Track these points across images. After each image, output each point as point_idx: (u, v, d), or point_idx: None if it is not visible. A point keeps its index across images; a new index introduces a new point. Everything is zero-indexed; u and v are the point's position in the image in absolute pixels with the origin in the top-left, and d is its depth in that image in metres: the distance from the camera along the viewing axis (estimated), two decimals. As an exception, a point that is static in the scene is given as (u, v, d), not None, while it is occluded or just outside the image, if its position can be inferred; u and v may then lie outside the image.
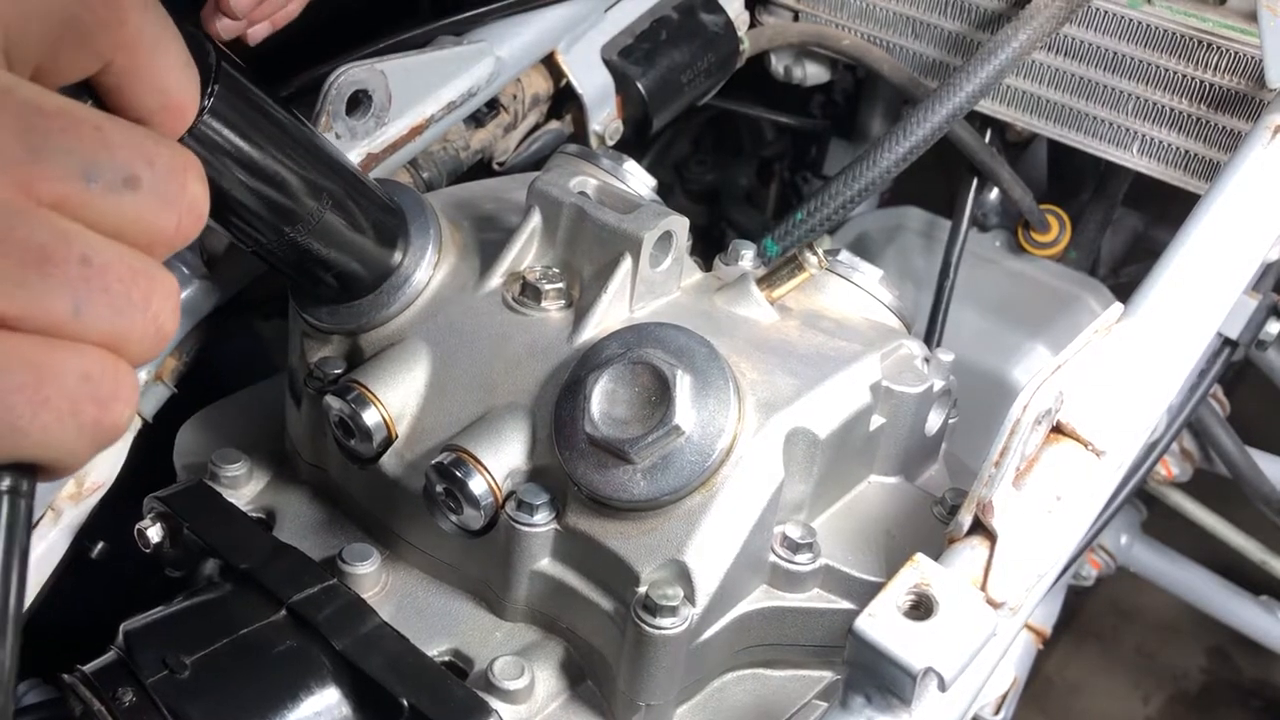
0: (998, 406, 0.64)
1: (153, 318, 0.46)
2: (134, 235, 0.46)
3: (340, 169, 0.72)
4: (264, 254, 0.72)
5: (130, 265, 0.45)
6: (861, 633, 0.58)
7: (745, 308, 0.79)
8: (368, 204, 0.74)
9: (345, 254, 0.74)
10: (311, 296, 0.79)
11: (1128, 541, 1.66)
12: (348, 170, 0.73)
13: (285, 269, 0.74)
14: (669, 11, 1.19)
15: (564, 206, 0.77)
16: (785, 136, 1.61)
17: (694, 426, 0.67)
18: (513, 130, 1.11)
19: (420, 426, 0.75)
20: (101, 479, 0.91)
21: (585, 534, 0.69)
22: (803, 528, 0.72)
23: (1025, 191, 1.29)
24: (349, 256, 0.75)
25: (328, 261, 0.73)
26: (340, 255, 0.74)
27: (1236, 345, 1.07)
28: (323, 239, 0.72)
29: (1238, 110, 1.08)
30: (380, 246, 0.76)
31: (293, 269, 0.74)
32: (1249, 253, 0.82)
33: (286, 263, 0.73)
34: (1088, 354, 0.69)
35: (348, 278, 0.76)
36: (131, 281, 0.45)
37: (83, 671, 0.68)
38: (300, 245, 0.71)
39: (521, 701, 0.70)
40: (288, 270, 0.74)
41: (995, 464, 0.62)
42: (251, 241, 0.70)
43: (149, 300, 0.46)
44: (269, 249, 0.71)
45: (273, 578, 0.73)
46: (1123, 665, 2.01)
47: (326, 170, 0.71)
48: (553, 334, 0.75)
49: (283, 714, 0.68)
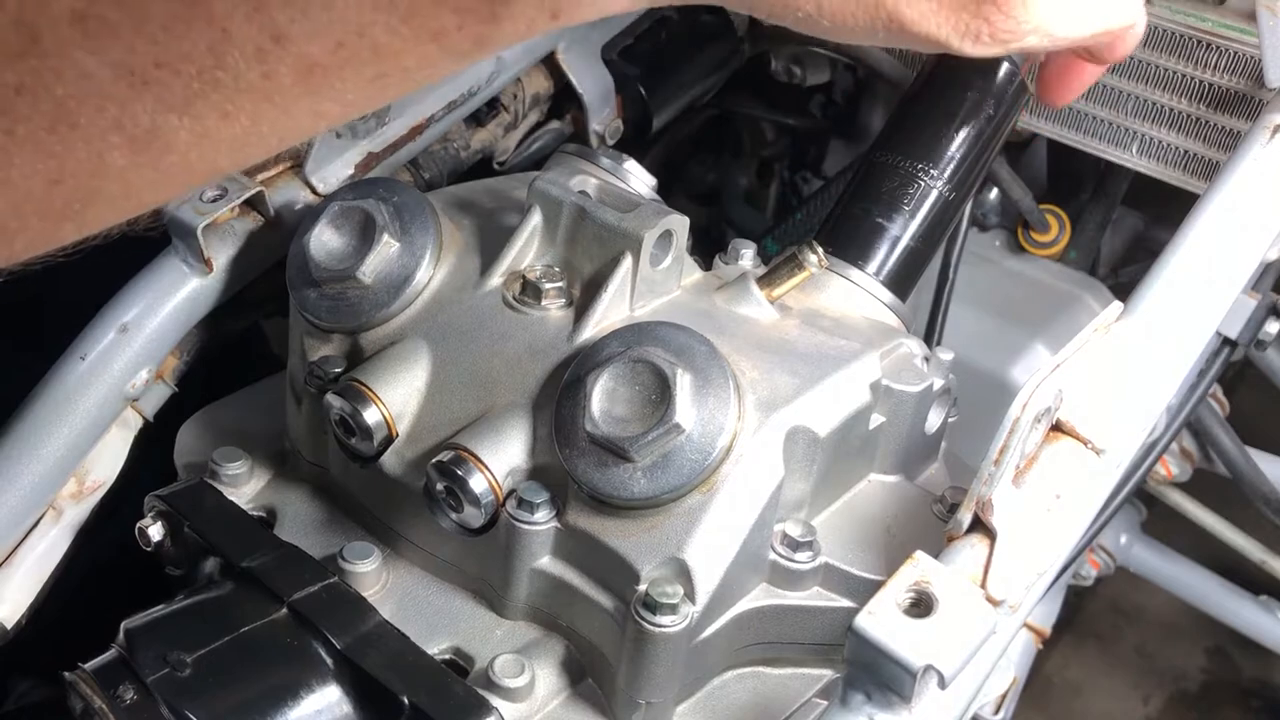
0: (997, 405, 0.64)
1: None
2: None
3: None
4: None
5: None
6: (861, 630, 0.58)
7: (745, 306, 0.79)
8: None
9: None
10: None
11: (1128, 541, 1.66)
12: None
13: None
14: (669, 12, 1.19)
15: (564, 205, 0.77)
16: (785, 136, 1.61)
17: (694, 425, 0.67)
18: (513, 130, 1.11)
19: (420, 425, 0.75)
20: (102, 478, 0.91)
21: (585, 532, 0.70)
22: (803, 526, 0.72)
23: (1025, 191, 1.29)
24: None
25: None
26: None
27: (1236, 345, 1.06)
28: None
29: (1237, 110, 1.08)
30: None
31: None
32: (1248, 252, 0.82)
33: None
34: (1087, 353, 0.69)
35: None
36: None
37: (84, 669, 0.69)
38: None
39: (522, 699, 0.70)
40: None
41: (995, 462, 0.62)
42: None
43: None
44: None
45: (273, 576, 0.73)
46: (1123, 665, 2.01)
47: None
48: (553, 333, 0.75)
49: (283, 712, 0.68)
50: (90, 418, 0.89)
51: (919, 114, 0.89)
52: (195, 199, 0.89)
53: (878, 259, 0.86)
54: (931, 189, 0.87)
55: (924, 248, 0.88)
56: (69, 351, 0.89)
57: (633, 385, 0.68)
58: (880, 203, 0.87)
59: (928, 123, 0.89)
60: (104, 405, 0.89)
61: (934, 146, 0.88)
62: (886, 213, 0.86)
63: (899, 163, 0.87)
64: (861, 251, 0.86)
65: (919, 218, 0.87)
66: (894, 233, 0.86)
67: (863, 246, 0.86)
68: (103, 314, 0.90)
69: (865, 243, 0.86)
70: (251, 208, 0.92)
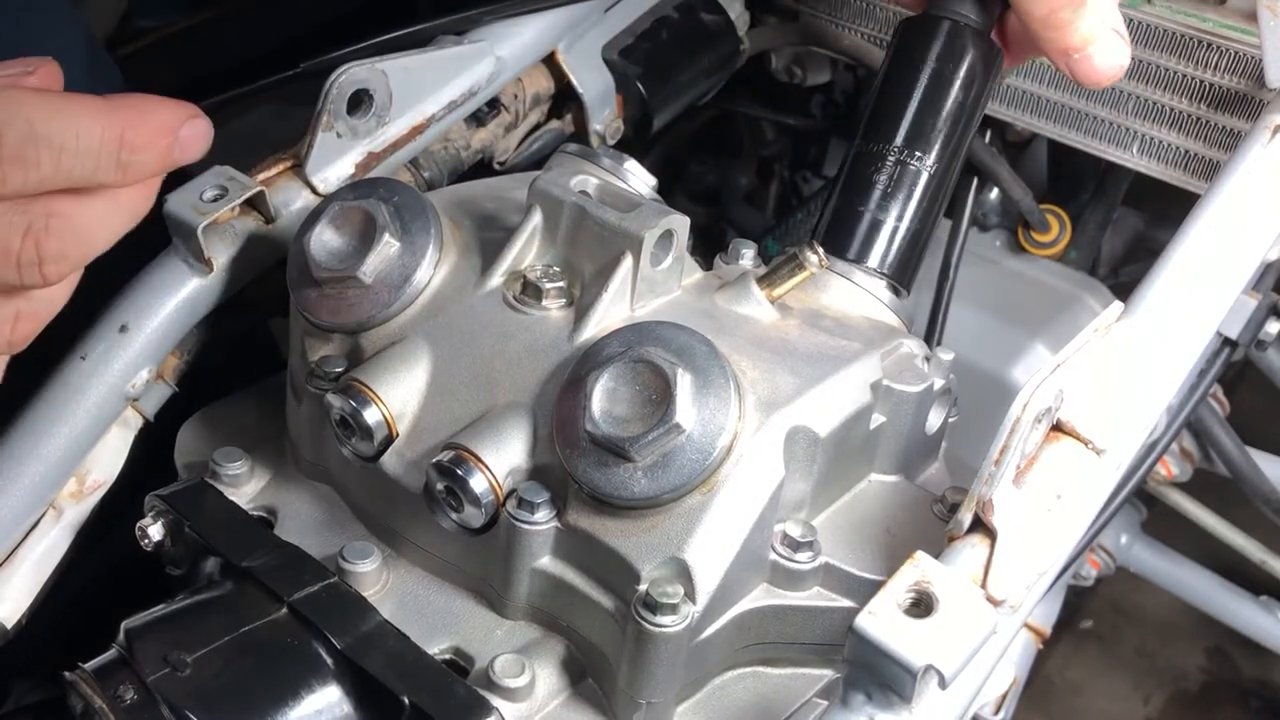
0: (998, 405, 0.64)
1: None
2: None
3: None
4: None
5: None
6: (862, 630, 0.58)
7: (746, 306, 0.79)
8: None
9: None
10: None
11: (1128, 541, 1.66)
12: None
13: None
14: (669, 11, 1.19)
15: (565, 205, 0.77)
16: (785, 136, 1.61)
17: (694, 425, 0.67)
18: (513, 130, 1.11)
19: (421, 425, 0.75)
20: (103, 477, 0.91)
21: (586, 532, 0.70)
22: (803, 526, 0.72)
23: (1025, 191, 1.29)
24: None
25: None
26: None
27: (1236, 345, 1.06)
28: None
29: (1238, 110, 1.08)
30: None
31: None
32: (1249, 252, 0.82)
33: None
34: (1087, 353, 0.69)
35: None
36: None
37: (84, 669, 0.69)
38: None
39: (522, 699, 0.70)
40: None
41: (995, 462, 0.62)
42: None
43: None
44: None
45: (274, 576, 0.73)
46: (1123, 665, 2.01)
47: None
48: (553, 333, 0.75)
49: (283, 712, 0.68)
50: (90, 417, 0.88)
51: (887, 95, 0.88)
52: (196, 199, 0.89)
53: (877, 251, 0.85)
54: (918, 170, 0.86)
55: (921, 231, 0.87)
56: (70, 351, 0.89)
57: (633, 385, 0.69)
58: (869, 193, 0.86)
59: (898, 103, 0.87)
60: (104, 405, 0.89)
61: (911, 125, 0.86)
62: (879, 203, 0.86)
63: (880, 149, 0.87)
64: (859, 246, 0.85)
65: (912, 203, 0.86)
66: (889, 221, 0.85)
67: (859, 240, 0.85)
68: (103, 314, 0.90)
69: (861, 236, 0.85)
70: (252, 207, 0.92)
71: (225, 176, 0.90)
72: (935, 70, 0.87)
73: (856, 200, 0.86)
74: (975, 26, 0.87)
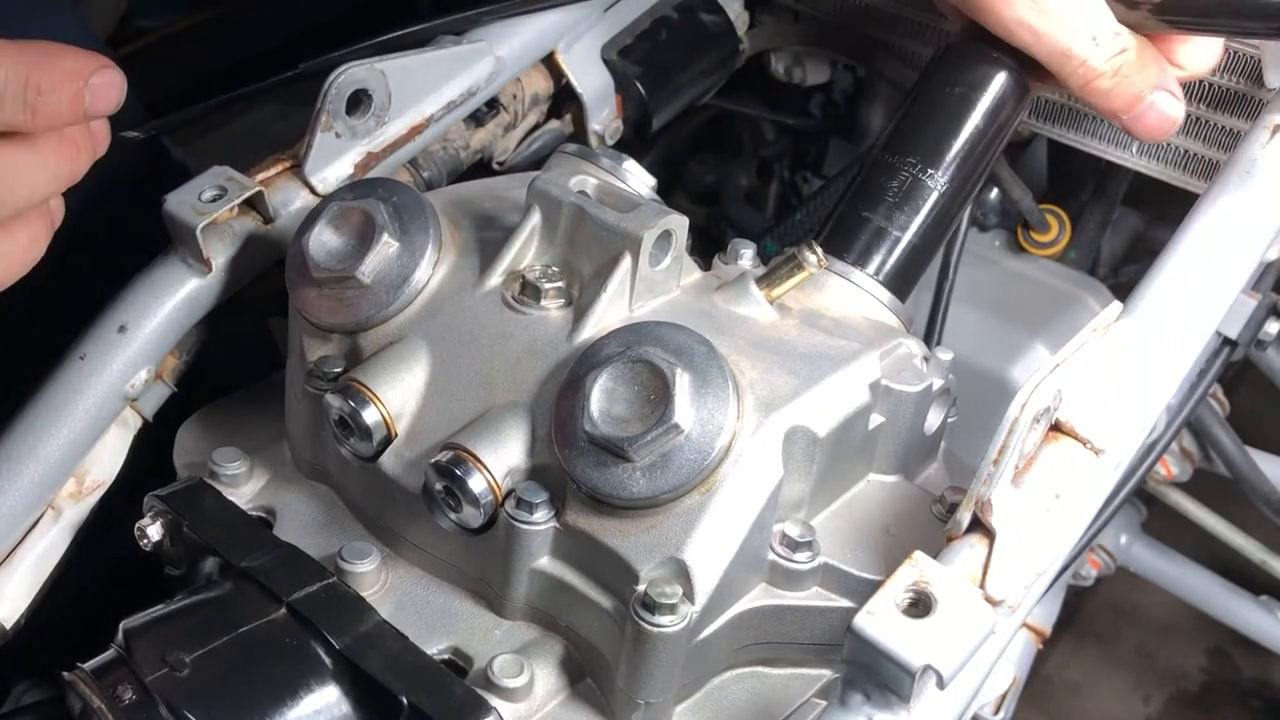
0: (997, 405, 0.64)
1: None
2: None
3: None
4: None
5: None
6: (860, 630, 0.58)
7: (744, 306, 0.79)
8: None
9: None
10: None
11: (1127, 541, 1.66)
12: None
13: None
14: (669, 11, 1.19)
15: (564, 205, 0.77)
16: (785, 136, 1.61)
17: (693, 425, 0.67)
18: (512, 130, 1.11)
19: (420, 425, 0.76)
20: (102, 477, 0.91)
21: (584, 532, 0.70)
22: (802, 526, 0.72)
23: (1025, 191, 1.29)
24: None
25: None
26: None
27: (1236, 345, 1.06)
28: None
29: (1237, 110, 1.07)
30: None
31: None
32: (1248, 252, 0.82)
33: None
34: (1086, 353, 0.69)
35: None
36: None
37: (82, 669, 0.69)
38: None
39: (521, 699, 0.70)
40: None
41: (994, 462, 0.62)
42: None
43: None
44: None
45: (272, 576, 0.73)
46: (1123, 665, 2.01)
47: None
48: (552, 333, 0.75)
49: (282, 711, 0.68)
50: (89, 418, 0.88)
51: (919, 113, 0.90)
52: (195, 199, 0.89)
53: (877, 259, 0.86)
54: (931, 189, 0.87)
55: (924, 247, 0.87)
56: (69, 351, 0.89)
57: (632, 385, 0.69)
58: (880, 202, 0.87)
59: (929, 122, 0.89)
60: (103, 405, 0.89)
61: (934, 146, 0.88)
62: (886, 212, 0.86)
63: (899, 162, 0.87)
64: (861, 252, 0.86)
65: (919, 217, 0.87)
66: (893, 232, 0.86)
67: (862, 247, 0.86)
68: (102, 314, 0.90)
69: (865, 243, 0.86)
70: (251, 208, 0.92)
71: (224, 176, 0.90)
72: (975, 100, 0.89)
73: (863, 206, 0.87)
74: (1013, 68, 0.89)
